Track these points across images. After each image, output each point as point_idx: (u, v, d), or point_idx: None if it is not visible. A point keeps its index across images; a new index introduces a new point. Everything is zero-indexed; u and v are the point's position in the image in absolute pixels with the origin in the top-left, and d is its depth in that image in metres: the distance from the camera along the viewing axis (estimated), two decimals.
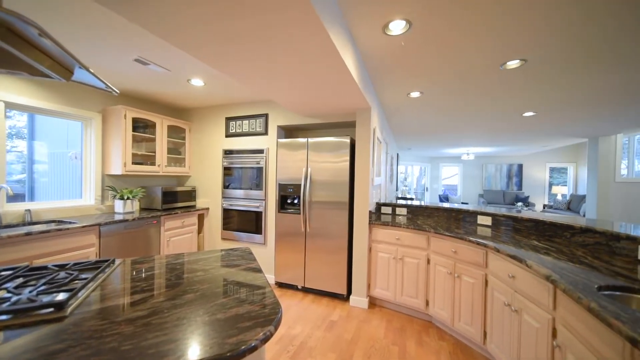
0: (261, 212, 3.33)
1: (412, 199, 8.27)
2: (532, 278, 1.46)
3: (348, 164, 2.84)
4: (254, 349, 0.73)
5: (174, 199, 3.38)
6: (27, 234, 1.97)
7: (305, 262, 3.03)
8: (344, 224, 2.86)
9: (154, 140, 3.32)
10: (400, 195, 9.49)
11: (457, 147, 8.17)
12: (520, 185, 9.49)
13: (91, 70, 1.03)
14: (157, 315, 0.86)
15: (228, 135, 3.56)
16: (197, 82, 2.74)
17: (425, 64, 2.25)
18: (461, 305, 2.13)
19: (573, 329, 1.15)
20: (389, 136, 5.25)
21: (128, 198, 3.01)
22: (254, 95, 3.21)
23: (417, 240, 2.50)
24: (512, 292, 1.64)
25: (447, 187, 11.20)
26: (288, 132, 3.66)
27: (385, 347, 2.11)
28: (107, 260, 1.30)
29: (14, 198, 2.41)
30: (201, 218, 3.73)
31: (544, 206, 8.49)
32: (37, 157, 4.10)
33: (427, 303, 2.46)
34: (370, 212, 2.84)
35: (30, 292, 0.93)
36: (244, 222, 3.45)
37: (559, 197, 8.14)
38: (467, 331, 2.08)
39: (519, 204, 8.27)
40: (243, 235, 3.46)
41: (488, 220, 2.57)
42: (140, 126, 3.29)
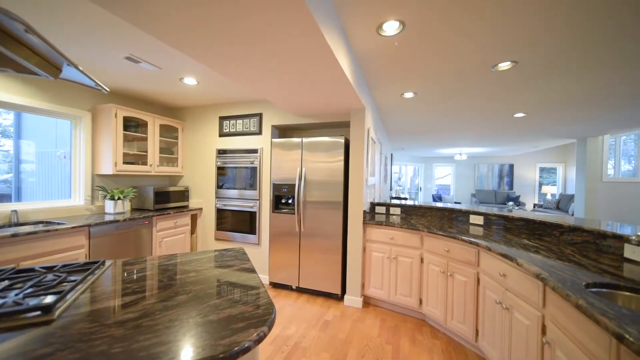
0: (255, 212, 3.32)
1: (406, 198, 8.35)
2: (523, 276, 1.49)
3: (342, 164, 2.84)
4: (247, 350, 0.72)
5: (167, 199, 3.34)
6: (14, 235, 1.91)
7: (300, 262, 3.03)
8: (338, 223, 2.87)
9: (145, 139, 3.26)
10: (394, 195, 9.55)
11: (450, 147, 8.27)
12: (511, 185, 9.66)
13: (80, 67, 1.01)
14: (149, 317, 0.85)
15: (222, 134, 3.53)
16: (190, 80, 2.71)
17: (418, 65, 2.27)
18: (454, 303, 2.16)
19: (562, 326, 1.18)
20: (383, 136, 5.28)
21: (119, 198, 2.96)
22: (248, 95, 3.19)
23: (411, 240, 2.52)
24: (503, 290, 1.67)
25: (440, 187, 11.32)
26: (282, 131, 3.65)
27: (379, 346, 2.12)
28: (96, 262, 1.27)
29: (0, 198, 2.35)
30: (194, 218, 3.69)
31: (534, 205, 8.66)
32: (24, 156, 4.00)
33: (421, 302, 2.48)
34: (364, 211, 2.85)
35: (17, 295, 0.90)
36: (238, 222, 3.42)
37: (549, 196, 8.31)
38: (459, 329, 2.11)
39: (510, 203, 8.42)
40: (237, 235, 3.44)
41: (480, 220, 2.61)
42: (132, 125, 3.24)
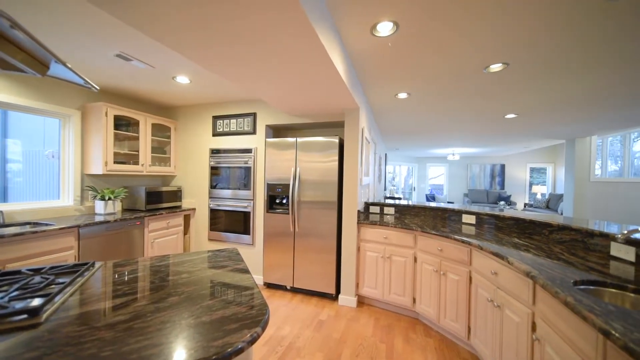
0: (249, 212, 3.30)
1: (400, 198, 8.41)
2: (513, 274, 1.52)
3: (337, 163, 2.85)
4: (240, 351, 0.72)
5: (159, 200, 3.29)
6: None
7: (294, 262, 3.02)
8: (332, 223, 2.87)
9: (137, 138, 3.21)
10: (388, 195, 9.61)
11: (443, 148, 8.37)
12: (502, 184, 9.83)
13: (68, 64, 0.98)
14: (140, 319, 0.83)
15: (215, 134, 3.50)
16: (183, 79, 2.67)
17: (412, 65, 2.29)
18: (447, 302, 2.18)
19: (551, 323, 1.20)
20: (377, 136, 5.31)
21: (109, 198, 2.90)
22: (242, 94, 3.17)
23: (405, 239, 2.54)
24: (495, 288, 1.70)
25: (433, 187, 11.44)
26: (276, 131, 3.64)
27: (373, 345, 2.13)
28: (86, 264, 1.24)
29: None
30: (187, 219, 3.65)
31: (525, 205, 8.82)
32: (10, 155, 3.89)
33: (414, 300, 2.50)
34: (358, 211, 2.86)
35: (2, 298, 0.88)
36: (232, 222, 3.39)
37: (539, 196, 8.48)
38: (452, 327, 2.14)
39: (502, 202, 8.56)
40: (231, 235, 3.41)
41: (472, 219, 2.65)
42: (123, 124, 3.18)
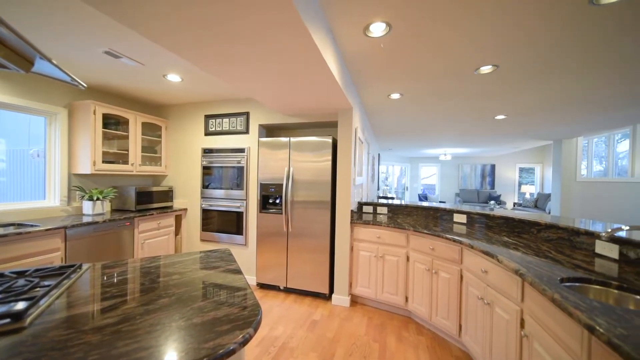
0: (242, 213, 3.27)
1: (393, 198, 8.47)
2: (503, 272, 1.55)
3: (330, 163, 2.85)
4: (232, 352, 0.71)
5: (149, 200, 3.24)
6: None
7: (288, 262, 3.01)
8: (326, 223, 2.87)
9: (127, 137, 3.15)
10: (381, 195, 9.68)
11: (435, 148, 8.47)
12: (493, 184, 10.01)
13: (54, 61, 0.96)
14: (129, 322, 0.82)
15: (207, 133, 3.46)
16: (174, 77, 2.63)
17: (404, 66, 2.31)
18: (438, 300, 2.21)
19: (539, 319, 1.23)
20: (370, 136, 5.34)
21: (98, 199, 2.84)
22: (235, 93, 3.14)
23: (397, 239, 2.57)
24: (485, 286, 1.73)
25: (426, 187, 11.57)
26: (270, 131, 3.62)
27: (366, 344, 2.14)
28: (73, 266, 1.21)
29: None
30: (179, 219, 3.60)
31: (514, 204, 9.01)
32: None
33: (407, 299, 2.52)
34: (352, 211, 2.87)
35: None
36: (224, 222, 3.36)
37: (527, 195, 8.67)
38: (443, 325, 2.16)
39: (492, 202, 8.72)
40: (223, 236, 3.38)
41: (463, 218, 2.69)
42: (112, 123, 3.11)
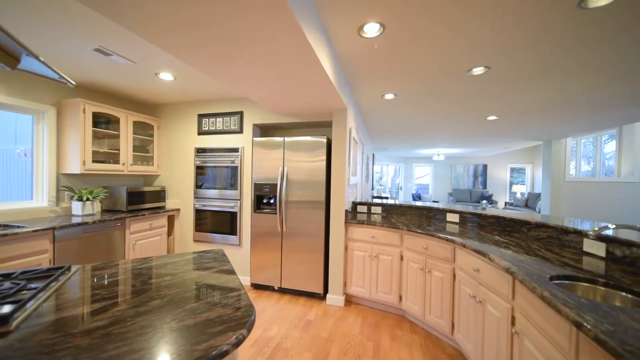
0: (236, 213, 3.25)
1: (387, 197, 8.53)
2: (494, 271, 1.57)
3: (324, 163, 2.85)
4: (225, 353, 0.70)
5: (141, 200, 3.19)
6: None
7: (282, 262, 3.00)
8: (320, 223, 2.87)
9: (117, 136, 3.09)
10: (376, 194, 9.73)
11: (428, 148, 8.56)
12: (485, 184, 10.17)
13: (41, 58, 0.93)
14: (119, 324, 0.80)
15: (201, 132, 3.42)
16: (166, 76, 2.60)
17: (398, 67, 2.33)
18: (431, 299, 2.24)
19: (529, 317, 1.25)
20: (365, 136, 5.36)
21: (88, 199, 2.78)
22: (229, 92, 3.12)
23: (391, 238, 2.58)
24: (477, 285, 1.75)
25: (419, 186, 11.68)
26: (264, 130, 3.60)
27: (361, 343, 2.15)
28: (61, 267, 1.19)
29: None
30: (171, 219, 3.55)
31: (505, 203, 9.17)
32: None
33: (400, 298, 2.54)
34: (346, 211, 2.87)
35: None
36: (218, 223, 3.33)
37: (518, 195, 8.83)
38: (437, 323, 2.19)
39: (484, 201, 8.85)
40: (217, 236, 3.35)
41: (456, 218, 2.72)
42: (102, 121, 3.05)
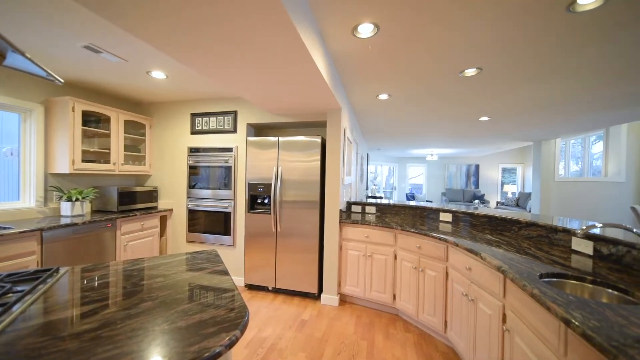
0: (230, 213, 3.22)
1: (381, 197, 8.58)
2: (486, 269, 1.60)
3: (319, 163, 2.85)
4: (218, 355, 0.70)
5: (132, 200, 3.13)
6: None
7: (276, 262, 2.99)
8: (315, 223, 2.87)
9: (108, 135, 3.04)
10: (370, 194, 9.78)
11: (422, 148, 8.64)
12: (477, 184, 10.32)
13: (27, 55, 0.91)
14: (109, 327, 0.79)
15: (194, 132, 3.38)
16: (158, 74, 2.56)
17: (392, 68, 2.34)
18: (425, 297, 2.26)
19: (520, 314, 1.27)
20: (359, 136, 5.38)
21: (77, 199, 2.72)
22: (222, 91, 3.09)
23: (385, 238, 2.60)
24: (469, 283, 1.77)
25: (413, 186, 11.78)
26: (258, 130, 3.58)
27: (355, 342, 2.16)
28: (49, 270, 1.16)
29: None
30: (164, 220, 3.50)
31: (497, 203, 9.32)
32: None
33: (394, 297, 2.56)
34: (340, 211, 2.88)
35: None
36: (212, 223, 3.30)
37: (510, 194, 8.98)
38: (430, 322, 2.21)
39: (476, 201, 8.97)
40: (210, 237, 3.32)
41: (449, 217, 2.75)
42: (92, 120, 3.00)
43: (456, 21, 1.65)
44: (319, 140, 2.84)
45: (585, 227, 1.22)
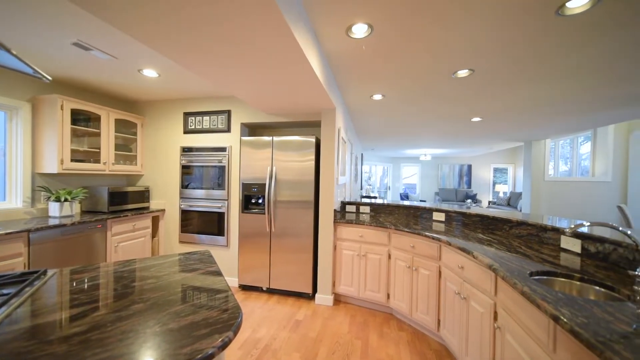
0: (223, 213, 3.19)
1: (375, 197, 8.62)
2: (478, 268, 1.62)
3: (313, 163, 2.85)
4: (210, 357, 0.69)
5: (124, 200, 3.08)
6: None
7: (271, 262, 2.98)
8: (309, 223, 2.87)
9: (98, 135, 2.98)
10: (364, 194, 9.82)
11: (416, 148, 8.71)
12: (469, 183, 10.46)
13: (13, 51, 0.89)
14: (98, 330, 0.77)
15: (186, 131, 3.34)
16: (150, 72, 2.52)
17: (386, 68, 2.35)
18: (418, 296, 2.28)
19: (510, 312, 1.30)
20: (353, 136, 5.39)
21: (66, 200, 2.66)
22: (216, 91, 3.06)
23: (379, 237, 2.61)
24: (462, 282, 1.80)
25: (407, 186, 11.87)
26: (252, 129, 3.56)
27: (349, 342, 2.16)
28: (36, 272, 1.13)
29: None
30: (156, 220, 3.45)
31: (489, 202, 9.46)
32: None
33: (388, 296, 2.58)
34: (335, 210, 2.88)
35: None
36: (205, 223, 3.27)
37: (501, 194, 9.13)
38: (423, 320, 2.23)
39: (469, 200, 9.09)
40: (204, 237, 3.28)
41: (442, 217, 2.78)
42: (82, 119, 2.93)
43: (449, 22, 1.67)
44: (313, 140, 2.84)
45: (573, 226, 1.25)
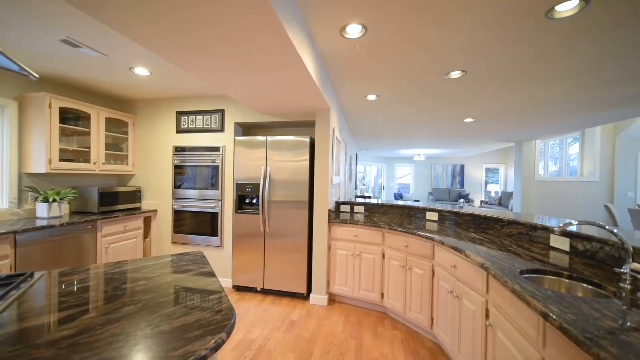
0: (217, 213, 3.16)
1: (370, 197, 8.66)
2: (470, 266, 1.64)
3: (308, 163, 2.84)
4: (203, 358, 0.68)
5: (114, 201, 3.02)
6: None
7: (265, 263, 2.96)
8: (303, 222, 2.87)
9: (88, 134, 2.91)
10: (359, 194, 9.85)
11: (409, 148, 8.79)
12: (462, 183, 10.60)
13: None
14: (88, 333, 0.76)
15: (179, 130, 3.30)
16: (142, 71, 2.48)
17: (380, 68, 2.37)
18: (412, 295, 2.30)
19: (502, 309, 1.32)
20: (348, 136, 5.41)
21: (54, 200, 2.60)
22: (210, 90, 3.03)
23: (374, 237, 2.62)
24: (454, 280, 1.82)
25: (401, 186, 11.96)
26: (246, 129, 3.54)
27: (343, 341, 2.17)
28: (23, 274, 1.10)
29: None
30: (148, 221, 3.40)
31: (481, 202, 9.60)
32: None
33: (382, 296, 2.59)
34: (329, 210, 2.89)
35: None
36: (198, 224, 3.23)
37: (493, 194, 9.29)
38: (417, 319, 2.25)
39: (461, 200, 9.19)
40: (197, 238, 3.25)
41: (435, 216, 2.81)
42: (71, 117, 2.87)
43: (443, 23, 1.68)
44: (307, 140, 2.83)
45: (562, 225, 1.27)
